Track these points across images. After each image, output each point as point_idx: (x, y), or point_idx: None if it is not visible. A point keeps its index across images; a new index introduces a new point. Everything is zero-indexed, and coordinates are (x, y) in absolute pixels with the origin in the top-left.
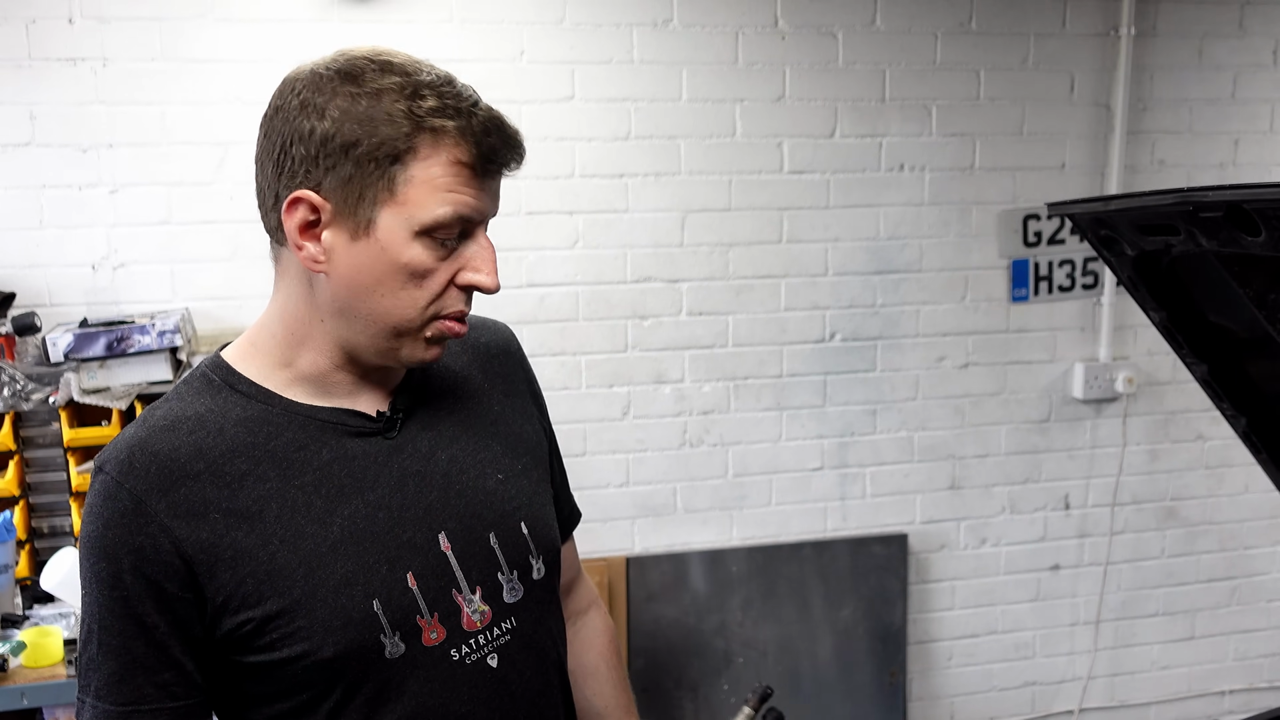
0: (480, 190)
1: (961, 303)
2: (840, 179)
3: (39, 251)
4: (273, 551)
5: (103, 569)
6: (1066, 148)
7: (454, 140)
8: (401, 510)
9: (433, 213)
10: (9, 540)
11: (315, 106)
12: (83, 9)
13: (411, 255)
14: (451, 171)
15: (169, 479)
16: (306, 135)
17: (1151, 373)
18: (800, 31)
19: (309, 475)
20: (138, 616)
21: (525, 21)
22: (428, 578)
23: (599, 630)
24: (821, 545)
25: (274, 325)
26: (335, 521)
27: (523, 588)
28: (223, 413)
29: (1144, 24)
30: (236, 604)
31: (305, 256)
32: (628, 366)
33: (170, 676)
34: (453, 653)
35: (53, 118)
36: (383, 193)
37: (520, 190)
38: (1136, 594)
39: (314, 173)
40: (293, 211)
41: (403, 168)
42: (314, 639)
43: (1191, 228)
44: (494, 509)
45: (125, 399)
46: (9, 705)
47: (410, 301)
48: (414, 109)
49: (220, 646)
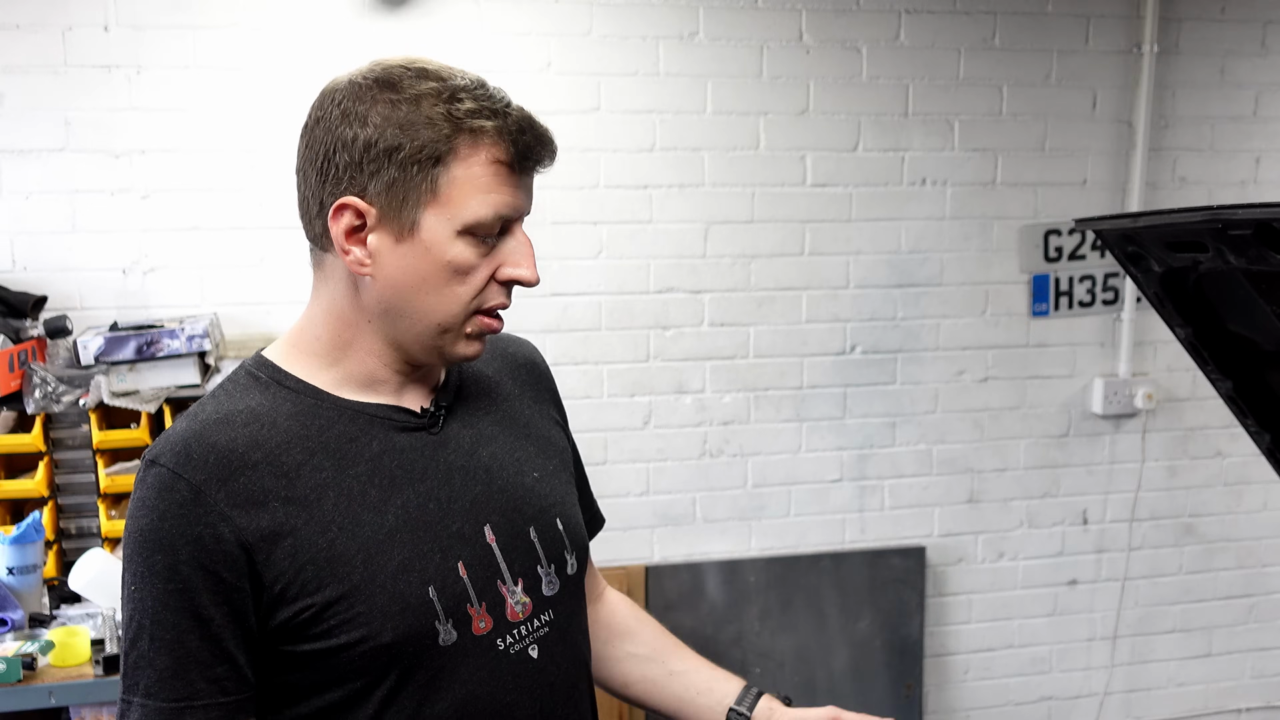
0: (517, 188)
1: (982, 317)
2: (862, 192)
3: (71, 255)
4: (332, 538)
5: (158, 561)
6: (1088, 164)
7: (492, 140)
8: (450, 502)
9: (475, 212)
10: (38, 541)
11: (357, 115)
12: (118, 17)
13: (455, 254)
14: (491, 170)
15: (227, 469)
16: (349, 143)
17: (1171, 389)
18: (825, 46)
19: (362, 465)
20: (194, 609)
21: (552, 33)
22: (476, 568)
23: (619, 599)
24: (839, 557)
25: (317, 329)
26: (390, 510)
27: (559, 581)
28: (274, 407)
29: (1166, 42)
30: (295, 591)
31: (352, 261)
32: (649, 376)
33: (223, 671)
34: (498, 642)
35: (87, 124)
36: (426, 194)
37: (545, 200)
38: (1154, 610)
39: (359, 179)
40: (339, 217)
41: (444, 169)
42: (373, 624)
43: (1220, 245)
44: (533, 504)
45: (154, 402)
46: (37, 704)
47: (454, 298)
48: (452, 111)
49: (275, 637)
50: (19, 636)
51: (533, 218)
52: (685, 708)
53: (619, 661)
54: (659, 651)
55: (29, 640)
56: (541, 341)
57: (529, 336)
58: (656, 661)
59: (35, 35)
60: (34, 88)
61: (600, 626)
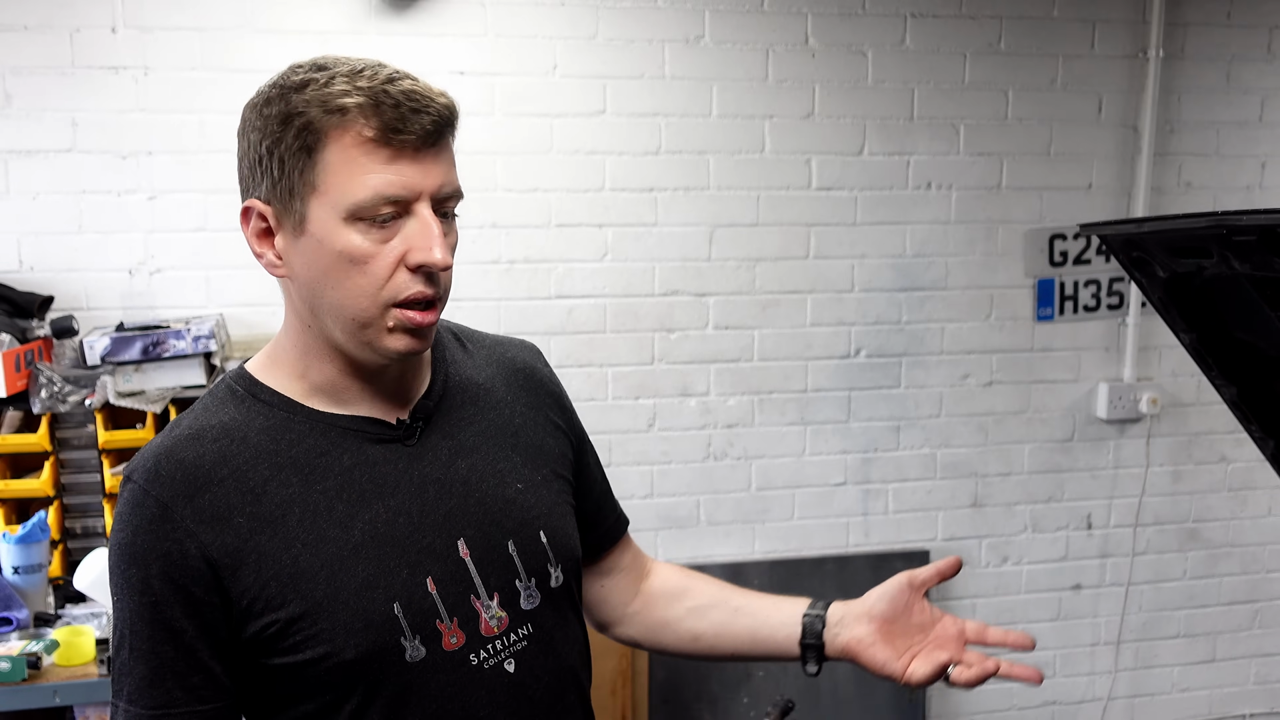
0: (403, 165)
1: (986, 321)
2: (868, 196)
3: (77, 256)
4: (295, 555)
5: (133, 575)
6: (1093, 168)
7: (355, 117)
8: (421, 516)
9: (353, 195)
10: (43, 540)
11: (250, 123)
12: (125, 19)
13: (345, 242)
14: (363, 150)
15: (193, 485)
16: (247, 150)
17: (1176, 394)
18: (830, 50)
19: (331, 480)
20: (166, 621)
21: (558, 36)
22: (447, 583)
23: (667, 567)
24: (843, 560)
25: (284, 340)
26: (356, 526)
27: (540, 595)
28: (246, 422)
29: (1173, 47)
30: (261, 606)
31: (266, 263)
32: (654, 379)
33: (199, 680)
34: (471, 657)
35: (94, 125)
36: (307, 185)
37: (550, 203)
38: (1158, 615)
39: (257, 182)
40: (246, 221)
41: (320, 155)
42: (336, 641)
43: (1225, 251)
44: (513, 517)
45: (160, 402)
46: (42, 703)
47: (359, 290)
48: (321, 97)
49: (248, 649)
50: (24, 636)
51: (537, 219)
52: (759, 632)
53: (682, 620)
54: (718, 596)
55: (34, 639)
56: (546, 344)
57: (533, 338)
58: (718, 606)
59: (43, 36)
60: (42, 88)
61: (655, 597)
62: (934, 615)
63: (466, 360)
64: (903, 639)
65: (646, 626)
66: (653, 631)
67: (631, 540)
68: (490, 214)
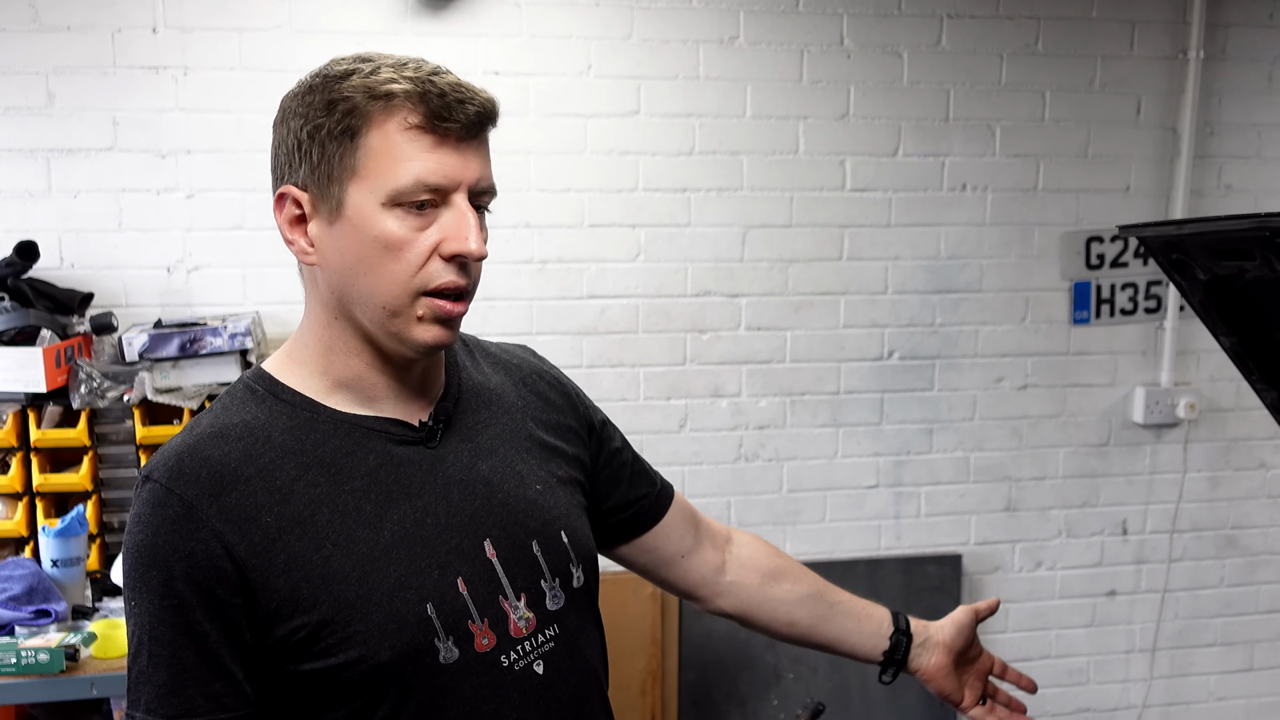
0: (445, 154)
1: (1021, 324)
2: (902, 198)
3: (117, 253)
4: (326, 555)
5: (153, 577)
6: (1131, 171)
7: (402, 103)
8: (448, 517)
9: (394, 181)
10: (81, 534)
11: (291, 110)
12: (166, 19)
13: (383, 228)
14: (407, 137)
15: (220, 484)
16: (285, 137)
17: (1214, 399)
18: (865, 50)
19: (358, 481)
20: (189, 625)
21: (593, 37)
22: (476, 584)
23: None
24: (875, 563)
25: (306, 336)
26: (386, 526)
27: (564, 595)
28: (269, 421)
29: (1213, 48)
30: (290, 609)
31: (298, 250)
32: (685, 379)
33: (221, 687)
34: (502, 659)
35: (134, 124)
36: (347, 170)
37: (584, 203)
38: (1194, 623)
39: (294, 169)
40: (280, 208)
41: (363, 140)
42: (370, 643)
43: (1267, 253)
44: (535, 518)
45: (196, 399)
46: (79, 694)
47: (391, 277)
48: (367, 84)
49: (273, 655)
50: (62, 628)
51: (570, 219)
52: (848, 638)
53: (783, 603)
54: (814, 587)
55: (72, 632)
56: (578, 343)
57: (566, 338)
58: (818, 597)
59: (85, 36)
60: (83, 88)
61: (749, 571)
62: (979, 648)
63: (474, 366)
64: (962, 668)
65: (743, 601)
66: (750, 607)
67: (693, 508)
68: (523, 214)
